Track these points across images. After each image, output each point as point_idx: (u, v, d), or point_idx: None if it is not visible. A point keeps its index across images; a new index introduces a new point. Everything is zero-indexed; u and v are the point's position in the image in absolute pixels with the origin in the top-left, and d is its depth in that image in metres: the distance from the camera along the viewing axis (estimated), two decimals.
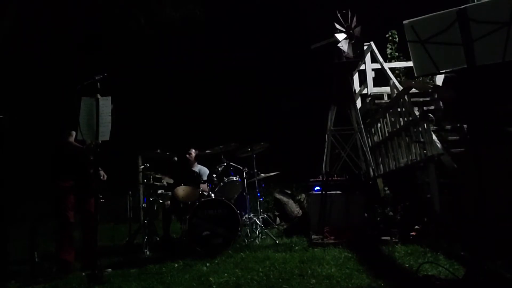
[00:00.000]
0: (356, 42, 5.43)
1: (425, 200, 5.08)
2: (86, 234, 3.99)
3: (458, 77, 2.46)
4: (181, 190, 5.17)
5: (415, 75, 2.46)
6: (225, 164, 5.57)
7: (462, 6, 2.22)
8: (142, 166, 5.60)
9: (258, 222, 5.52)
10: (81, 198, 3.99)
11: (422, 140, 4.83)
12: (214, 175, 5.44)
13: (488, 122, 2.41)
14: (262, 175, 5.89)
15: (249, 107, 14.34)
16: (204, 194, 5.22)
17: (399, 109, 5.57)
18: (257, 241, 5.26)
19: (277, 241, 5.10)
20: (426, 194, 5.11)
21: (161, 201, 5.95)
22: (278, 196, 7.60)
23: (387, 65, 7.36)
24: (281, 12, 14.89)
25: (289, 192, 7.87)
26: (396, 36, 8.81)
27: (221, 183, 5.36)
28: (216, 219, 4.73)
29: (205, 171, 6.05)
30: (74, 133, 3.88)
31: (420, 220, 4.82)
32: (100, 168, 4.07)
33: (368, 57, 7.94)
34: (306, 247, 4.58)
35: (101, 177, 4.07)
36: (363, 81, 8.28)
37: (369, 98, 7.80)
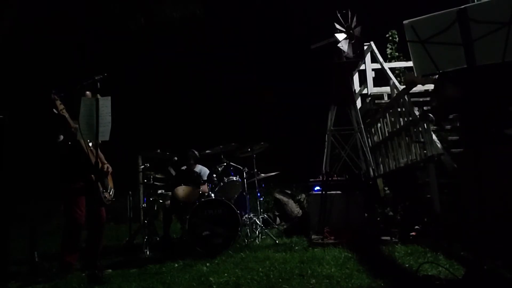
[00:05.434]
0: (356, 42, 5.43)
1: (425, 200, 5.08)
2: (92, 235, 3.99)
3: (457, 76, 2.46)
4: (181, 190, 5.17)
5: (415, 75, 2.46)
6: (225, 164, 5.58)
7: (462, 6, 2.22)
8: (142, 166, 5.60)
9: (258, 222, 5.52)
10: (91, 199, 3.93)
11: (422, 140, 4.82)
12: (214, 175, 5.44)
13: (488, 123, 2.40)
14: (262, 175, 5.90)
15: (249, 107, 14.32)
16: (204, 194, 5.22)
17: (399, 109, 5.56)
18: (257, 241, 5.27)
19: (277, 241, 5.10)
20: (426, 194, 5.11)
21: (161, 201, 5.95)
22: (278, 196, 7.60)
23: (387, 65, 7.36)
24: (281, 12, 14.88)
25: (289, 192, 7.86)
26: (396, 36, 8.82)
27: (221, 183, 5.37)
28: (216, 219, 4.73)
29: (205, 171, 6.05)
30: (61, 136, 3.86)
31: (420, 220, 4.83)
32: (105, 162, 4.08)
33: (368, 57, 7.93)
34: (306, 247, 4.59)
35: (105, 170, 4.07)
36: (363, 81, 8.27)
37: (369, 98, 7.80)
